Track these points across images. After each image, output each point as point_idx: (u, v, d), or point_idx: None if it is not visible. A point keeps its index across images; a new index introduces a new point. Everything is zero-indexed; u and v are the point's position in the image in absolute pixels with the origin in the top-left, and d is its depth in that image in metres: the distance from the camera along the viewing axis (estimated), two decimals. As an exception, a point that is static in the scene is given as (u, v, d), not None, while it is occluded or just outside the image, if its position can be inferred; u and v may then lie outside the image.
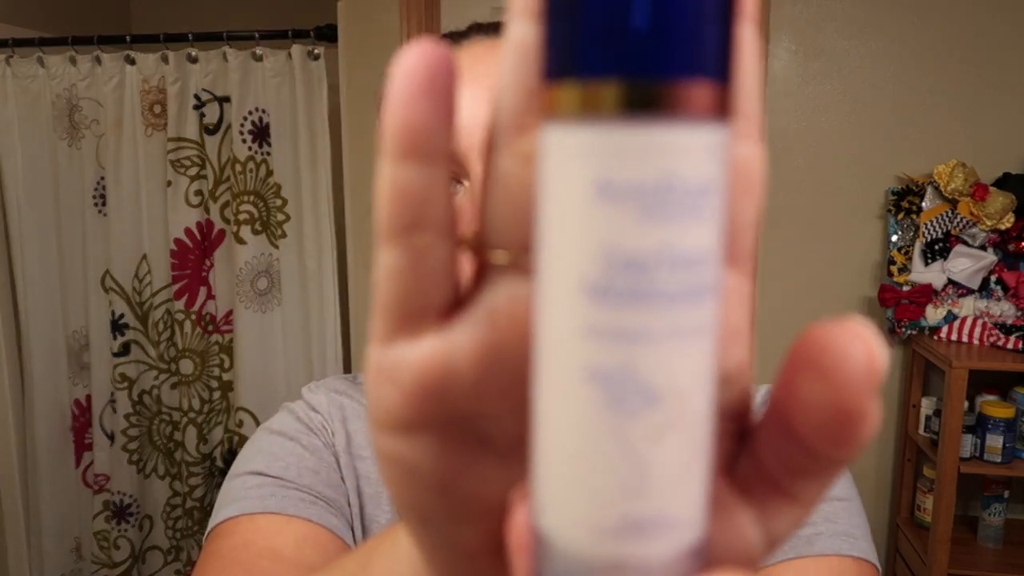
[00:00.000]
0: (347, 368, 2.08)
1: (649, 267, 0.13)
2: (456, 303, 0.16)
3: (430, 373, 0.16)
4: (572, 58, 0.13)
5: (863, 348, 0.13)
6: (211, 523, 0.52)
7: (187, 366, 2.09)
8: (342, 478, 0.55)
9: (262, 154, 1.97)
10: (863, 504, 0.53)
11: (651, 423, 0.13)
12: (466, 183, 0.44)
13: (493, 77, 0.45)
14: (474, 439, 0.17)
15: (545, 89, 0.13)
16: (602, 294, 0.13)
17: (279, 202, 2.00)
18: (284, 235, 2.01)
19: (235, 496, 0.51)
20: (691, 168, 0.12)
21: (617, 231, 0.13)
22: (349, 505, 0.55)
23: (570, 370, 0.13)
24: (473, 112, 0.43)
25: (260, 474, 0.52)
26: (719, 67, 0.13)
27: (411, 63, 0.14)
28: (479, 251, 0.16)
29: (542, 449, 0.14)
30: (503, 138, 0.15)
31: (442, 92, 0.14)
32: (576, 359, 0.13)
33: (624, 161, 0.12)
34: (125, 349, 2.10)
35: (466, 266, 0.16)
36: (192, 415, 2.10)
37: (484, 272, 0.16)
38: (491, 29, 0.50)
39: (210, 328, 2.09)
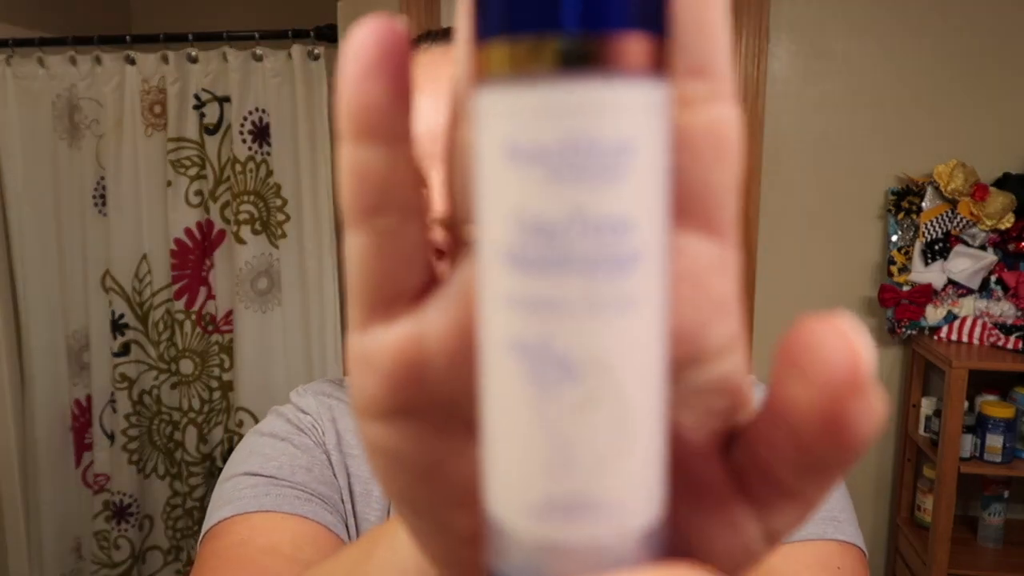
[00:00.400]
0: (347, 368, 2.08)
1: (559, 233, 0.12)
2: (431, 284, 0.16)
3: (405, 357, 0.15)
4: (498, 15, 0.12)
5: (845, 348, 0.13)
6: (206, 525, 0.52)
7: (187, 366, 2.09)
8: (334, 475, 0.56)
9: (262, 154, 1.97)
10: (863, 504, 0.53)
11: (571, 398, 0.13)
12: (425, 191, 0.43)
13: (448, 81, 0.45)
14: (458, 423, 0.16)
15: (477, 51, 0.13)
16: (518, 262, 0.12)
17: (279, 202, 2.00)
18: (284, 235, 2.01)
19: (229, 497, 0.51)
20: (604, 127, 0.12)
21: (525, 195, 0.12)
22: (343, 502, 0.55)
23: (497, 341, 0.13)
24: (431, 119, 0.42)
25: (254, 474, 0.52)
26: (646, 18, 0.12)
27: (362, 40, 0.14)
28: (452, 229, 0.16)
29: (484, 425, 0.14)
30: (462, 110, 0.15)
31: (396, 69, 0.14)
32: (501, 329, 0.13)
33: (529, 121, 0.12)
34: (125, 349, 2.10)
35: (441, 245, 0.16)
36: (192, 415, 2.10)
37: (458, 250, 0.15)
38: (445, 35, 0.50)
39: (210, 328, 2.09)
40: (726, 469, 0.16)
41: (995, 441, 1.76)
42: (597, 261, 0.12)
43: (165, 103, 1.98)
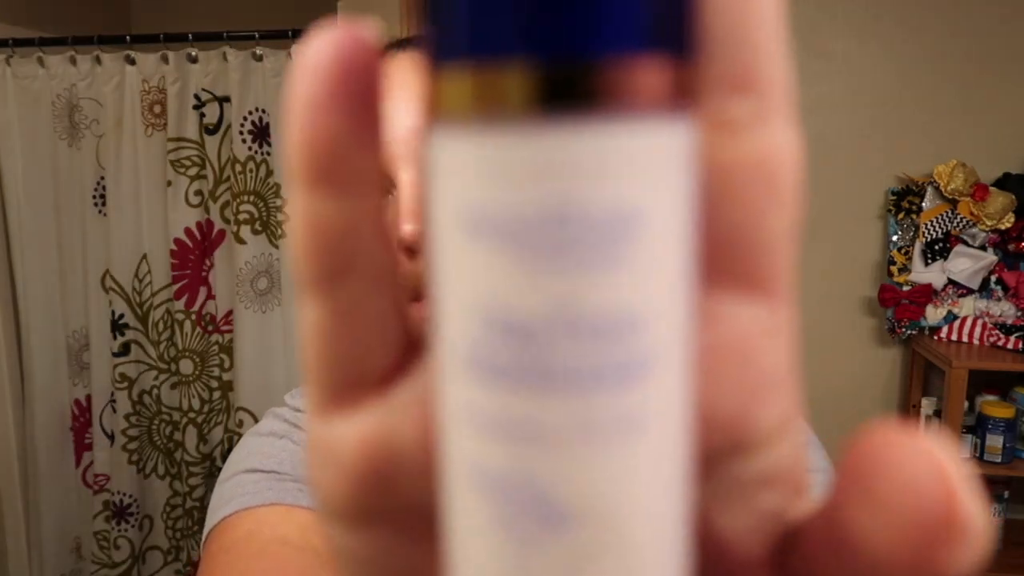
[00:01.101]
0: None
1: (539, 334, 0.09)
2: (405, 359, 0.13)
3: (373, 454, 0.12)
4: (458, 32, 0.09)
5: (937, 479, 0.10)
6: (209, 524, 0.52)
7: (187, 366, 2.09)
8: None
9: (262, 154, 1.97)
10: None
11: (561, 553, 0.09)
12: (393, 193, 0.43)
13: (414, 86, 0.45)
14: (434, 527, 0.13)
15: (431, 79, 0.09)
16: (485, 370, 0.09)
17: (279, 202, 2.00)
18: (284, 235, 2.01)
19: (232, 495, 0.51)
20: (601, 189, 0.09)
21: (492, 283, 0.09)
22: None
23: (461, 469, 0.10)
24: (399, 124, 0.41)
25: (255, 471, 0.53)
26: (661, 33, 0.09)
27: (318, 57, 0.11)
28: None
29: (447, 563, 0.11)
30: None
31: (362, 93, 0.11)
32: (465, 455, 0.10)
33: (497, 182, 0.09)
34: (125, 349, 2.10)
35: (413, 310, 0.13)
36: (192, 415, 2.10)
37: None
38: (409, 43, 0.50)
39: (210, 328, 2.09)
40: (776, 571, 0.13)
41: (995, 441, 1.76)
42: (592, 372, 0.09)
43: (165, 103, 1.98)
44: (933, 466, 0.10)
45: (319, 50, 0.11)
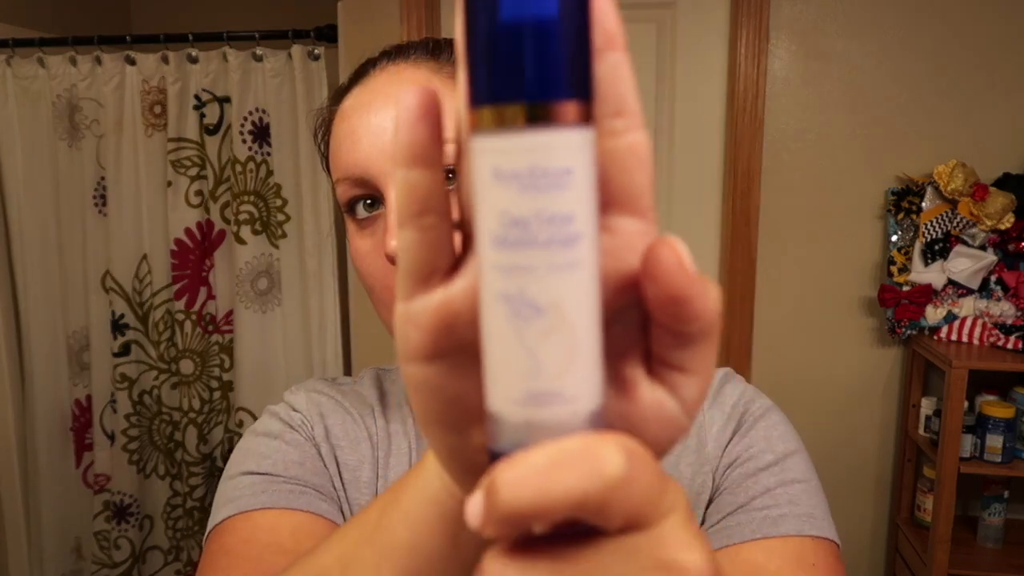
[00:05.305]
0: (347, 368, 2.08)
1: (529, 225, 0.19)
2: (456, 265, 0.23)
3: (441, 315, 0.22)
4: (485, 91, 0.19)
5: (669, 250, 0.20)
6: (210, 524, 0.56)
7: (187, 366, 2.09)
8: (324, 465, 0.61)
9: (262, 154, 1.97)
10: (863, 504, 0.55)
11: (539, 327, 0.20)
12: (381, 208, 0.52)
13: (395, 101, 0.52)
14: (477, 363, 0.22)
15: (470, 113, 0.20)
16: (502, 243, 0.19)
17: (279, 202, 2.00)
18: (284, 235, 2.01)
19: (230, 496, 0.56)
20: (553, 159, 0.19)
21: (506, 202, 0.19)
22: (335, 488, 0.60)
23: (490, 294, 0.20)
24: (382, 139, 0.51)
25: (251, 473, 0.57)
26: (578, 89, 0.19)
27: (411, 98, 0.21)
28: (465, 229, 0.23)
29: (484, 349, 0.21)
30: (465, 150, 0.22)
31: (435, 118, 0.21)
32: (493, 286, 0.20)
33: (506, 155, 0.19)
34: (125, 349, 2.10)
35: (457, 240, 0.23)
36: (192, 415, 2.10)
37: (470, 242, 0.23)
38: (398, 54, 0.56)
39: (210, 328, 2.09)
40: (645, 365, 0.23)
41: (995, 441, 1.76)
42: (552, 241, 0.19)
43: (165, 103, 1.98)
44: (666, 244, 0.20)
45: (412, 94, 0.20)
